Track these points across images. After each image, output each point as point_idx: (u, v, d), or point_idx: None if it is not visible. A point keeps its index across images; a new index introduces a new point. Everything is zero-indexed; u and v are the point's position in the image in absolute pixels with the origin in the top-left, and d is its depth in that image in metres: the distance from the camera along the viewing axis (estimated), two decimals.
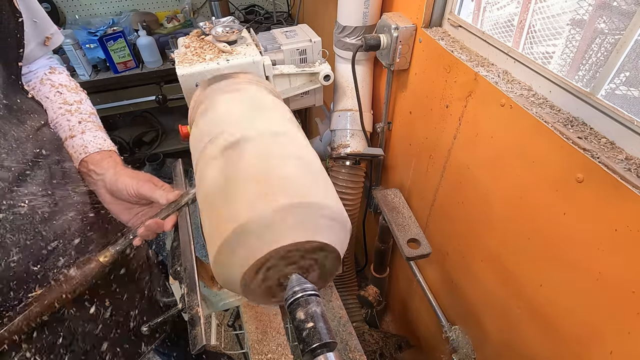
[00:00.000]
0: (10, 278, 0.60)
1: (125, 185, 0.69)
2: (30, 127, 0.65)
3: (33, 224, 0.61)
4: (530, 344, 0.87)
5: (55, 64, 0.82)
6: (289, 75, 1.10)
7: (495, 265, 0.94)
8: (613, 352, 0.65)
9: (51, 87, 0.77)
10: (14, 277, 0.60)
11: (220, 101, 0.69)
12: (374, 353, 1.53)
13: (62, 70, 0.82)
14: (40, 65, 0.79)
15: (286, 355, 0.80)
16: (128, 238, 0.65)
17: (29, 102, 0.68)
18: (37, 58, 0.77)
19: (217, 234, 0.50)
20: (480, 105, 0.86)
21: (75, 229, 0.71)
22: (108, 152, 0.75)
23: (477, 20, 0.95)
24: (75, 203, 0.71)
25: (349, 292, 1.73)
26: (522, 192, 0.79)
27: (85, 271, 0.63)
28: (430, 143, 1.12)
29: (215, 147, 0.58)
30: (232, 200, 0.50)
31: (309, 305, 0.47)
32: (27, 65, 0.76)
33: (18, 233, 0.59)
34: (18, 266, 0.60)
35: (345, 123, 1.30)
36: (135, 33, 2.14)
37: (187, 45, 0.99)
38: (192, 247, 0.75)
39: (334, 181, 1.36)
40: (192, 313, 0.64)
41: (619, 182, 0.56)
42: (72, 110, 0.76)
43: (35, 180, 0.62)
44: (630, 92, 0.67)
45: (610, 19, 0.69)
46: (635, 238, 0.56)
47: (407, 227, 1.16)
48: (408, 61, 1.11)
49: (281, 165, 0.53)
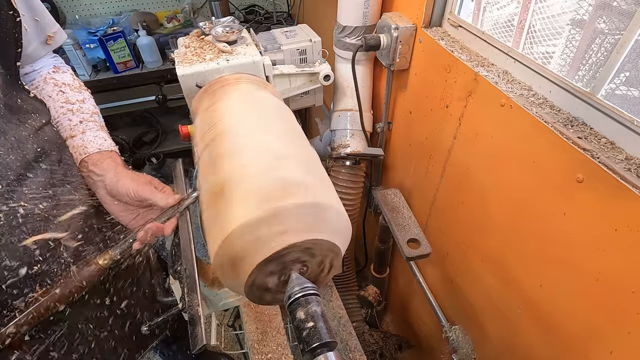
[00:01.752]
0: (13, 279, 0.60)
1: (126, 187, 0.69)
2: (31, 126, 0.65)
3: (34, 224, 0.61)
4: (531, 344, 0.87)
5: (60, 63, 0.82)
6: (289, 75, 1.10)
7: (495, 265, 0.94)
8: (613, 352, 0.65)
9: (54, 86, 0.77)
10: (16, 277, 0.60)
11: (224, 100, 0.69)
12: (374, 353, 1.53)
13: (66, 69, 0.82)
14: (45, 64, 0.78)
15: (286, 355, 0.80)
16: (128, 242, 0.65)
17: (30, 102, 0.68)
18: (40, 57, 0.77)
19: (217, 236, 0.50)
20: (480, 105, 0.86)
21: (77, 228, 0.71)
22: (108, 153, 0.75)
23: (477, 20, 0.95)
24: (77, 203, 0.71)
25: (349, 292, 1.73)
26: (522, 192, 0.79)
27: (85, 274, 0.63)
28: (430, 143, 1.12)
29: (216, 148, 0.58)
30: (232, 202, 0.50)
31: (309, 305, 0.47)
32: (31, 64, 0.76)
33: (19, 233, 0.59)
34: (20, 266, 0.60)
35: (345, 123, 1.30)
36: (135, 33, 2.14)
37: (187, 45, 0.99)
38: (192, 247, 0.74)
39: (334, 181, 1.36)
40: (192, 313, 0.64)
41: (619, 182, 0.56)
42: (73, 110, 0.76)
43: (36, 179, 0.62)
44: (630, 92, 0.67)
45: (610, 19, 0.69)
46: (635, 238, 0.56)
47: (407, 227, 1.16)
48: (408, 61, 1.11)
49: (281, 166, 0.53)
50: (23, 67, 0.70)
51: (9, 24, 0.61)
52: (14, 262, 0.59)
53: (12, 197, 0.58)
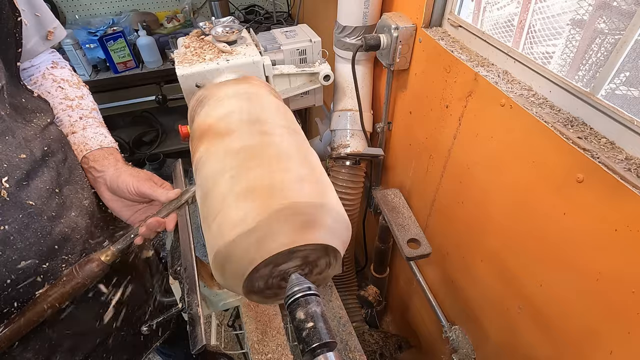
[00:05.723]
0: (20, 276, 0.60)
1: (126, 183, 0.69)
2: (37, 125, 0.65)
3: (41, 222, 0.61)
4: (531, 344, 0.87)
5: (58, 59, 0.82)
6: (289, 75, 1.10)
7: (495, 265, 0.94)
8: (613, 352, 0.65)
9: (53, 82, 0.77)
10: (23, 274, 0.60)
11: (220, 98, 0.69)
12: (374, 353, 1.53)
13: (64, 65, 0.82)
14: (43, 59, 0.78)
15: (286, 355, 0.80)
16: (129, 237, 0.65)
17: (34, 101, 0.68)
18: (39, 52, 0.76)
19: (216, 236, 0.49)
20: (480, 105, 0.86)
21: (82, 226, 0.71)
22: (109, 149, 0.75)
23: (477, 20, 0.95)
24: (82, 200, 0.71)
25: (349, 292, 1.73)
26: (522, 192, 0.79)
27: (87, 270, 0.63)
28: (430, 143, 1.12)
29: (214, 147, 0.58)
30: (230, 202, 0.50)
31: (309, 305, 0.47)
32: (30, 59, 0.76)
33: (27, 231, 0.59)
34: (27, 264, 0.60)
35: (345, 123, 1.30)
36: (135, 33, 2.14)
37: (187, 45, 0.99)
38: (192, 247, 0.75)
39: (334, 181, 1.36)
40: (192, 313, 0.64)
41: (619, 182, 0.56)
42: (73, 106, 0.76)
43: (43, 178, 0.63)
44: (630, 92, 0.67)
45: (610, 19, 0.69)
46: (635, 238, 0.56)
47: (407, 227, 1.16)
48: (408, 61, 1.11)
49: (280, 166, 0.53)
50: (22, 62, 0.70)
51: (10, 24, 0.61)
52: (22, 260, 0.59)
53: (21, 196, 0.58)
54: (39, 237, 0.61)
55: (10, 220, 0.57)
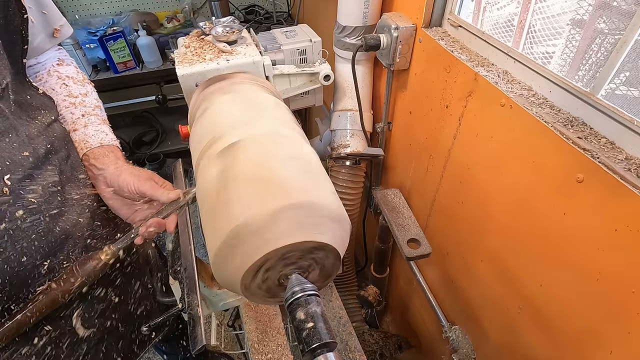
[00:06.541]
0: (22, 273, 0.60)
1: (127, 182, 0.69)
2: (41, 122, 0.65)
3: (43, 220, 0.61)
4: (531, 344, 0.87)
5: (64, 55, 0.82)
6: (289, 75, 1.10)
7: (495, 265, 0.94)
8: (613, 352, 0.65)
9: (58, 79, 0.77)
10: (25, 271, 0.60)
11: (219, 102, 0.69)
12: (374, 353, 1.53)
13: (70, 62, 0.82)
14: (49, 56, 0.78)
15: (286, 355, 0.80)
16: (129, 237, 0.65)
17: (39, 98, 0.68)
18: (45, 50, 0.77)
19: (216, 236, 0.50)
20: (480, 105, 0.86)
21: (84, 224, 0.71)
22: (110, 147, 0.75)
23: (477, 20, 0.95)
24: (84, 199, 0.71)
25: (349, 292, 1.73)
26: (522, 192, 0.79)
27: (87, 269, 0.63)
28: (430, 143, 1.12)
29: (214, 149, 0.58)
30: (230, 202, 0.50)
31: (309, 305, 0.47)
32: (36, 57, 0.76)
33: (28, 229, 0.59)
34: (28, 261, 0.60)
35: (345, 123, 1.30)
36: (135, 33, 2.14)
37: (187, 45, 0.99)
38: (192, 247, 0.75)
39: (334, 181, 1.36)
40: (192, 313, 0.64)
41: (619, 182, 0.56)
42: (76, 103, 0.76)
43: (45, 176, 0.63)
44: (630, 92, 0.67)
45: (610, 19, 0.69)
46: (635, 238, 0.56)
47: (407, 227, 1.16)
48: (408, 61, 1.11)
49: (279, 166, 0.53)
50: (28, 59, 0.71)
51: (17, 21, 0.61)
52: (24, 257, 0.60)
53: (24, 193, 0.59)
54: (40, 234, 0.61)
55: (12, 218, 0.57)
